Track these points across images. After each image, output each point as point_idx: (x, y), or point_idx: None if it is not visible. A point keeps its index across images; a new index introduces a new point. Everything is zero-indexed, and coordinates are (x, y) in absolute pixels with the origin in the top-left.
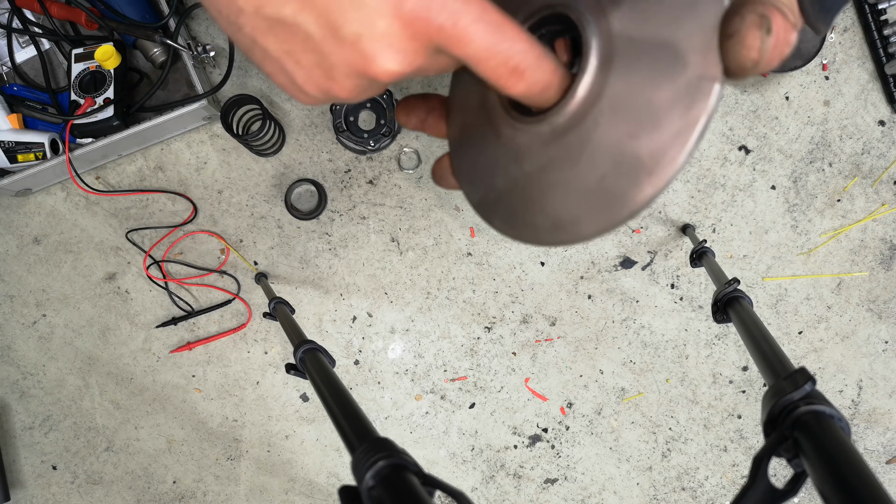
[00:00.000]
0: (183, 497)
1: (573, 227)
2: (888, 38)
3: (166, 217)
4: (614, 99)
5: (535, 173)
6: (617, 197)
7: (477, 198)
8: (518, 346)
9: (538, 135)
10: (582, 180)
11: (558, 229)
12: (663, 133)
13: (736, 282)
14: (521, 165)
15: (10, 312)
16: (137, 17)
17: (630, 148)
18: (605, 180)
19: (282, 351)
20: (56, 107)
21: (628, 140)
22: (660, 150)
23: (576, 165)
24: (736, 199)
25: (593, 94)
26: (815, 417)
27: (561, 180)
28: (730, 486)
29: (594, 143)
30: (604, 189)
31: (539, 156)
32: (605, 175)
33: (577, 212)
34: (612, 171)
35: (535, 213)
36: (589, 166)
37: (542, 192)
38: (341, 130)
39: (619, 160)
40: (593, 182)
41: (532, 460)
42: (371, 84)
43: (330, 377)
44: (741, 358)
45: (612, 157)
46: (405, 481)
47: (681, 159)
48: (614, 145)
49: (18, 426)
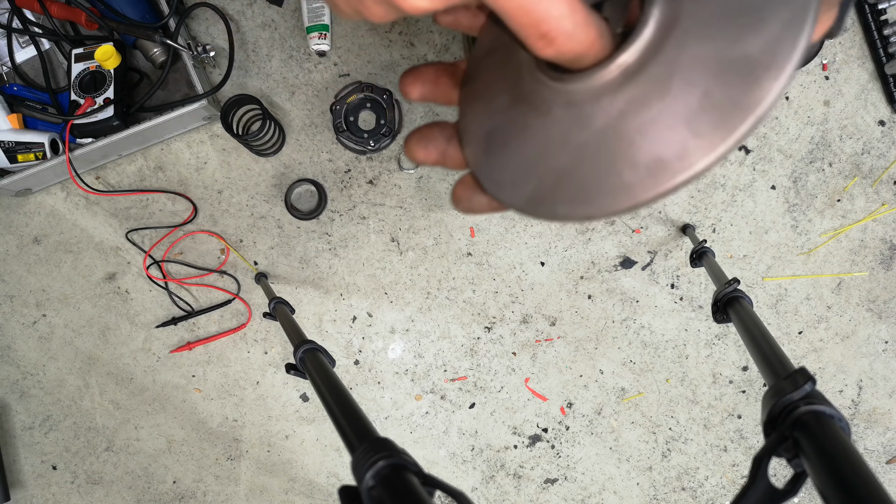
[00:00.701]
0: (183, 497)
1: (681, 161)
2: (888, 38)
3: (166, 217)
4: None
5: (611, 125)
6: (732, 105)
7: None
8: (518, 346)
9: (605, 83)
10: (679, 107)
11: (660, 173)
12: (771, 25)
13: (736, 282)
14: (589, 125)
15: (10, 312)
16: (137, 17)
17: (733, 52)
18: (710, 96)
19: (282, 351)
20: (56, 107)
21: (729, 46)
22: (772, 43)
23: (666, 96)
24: (736, 199)
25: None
26: (815, 417)
27: (649, 119)
28: (730, 486)
29: (686, 65)
30: (712, 105)
31: (612, 105)
32: (709, 90)
33: (683, 142)
34: (716, 83)
35: (622, 169)
36: (685, 90)
37: (627, 142)
38: (341, 130)
39: (724, 68)
40: (695, 103)
41: (532, 460)
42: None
43: (330, 377)
44: (741, 358)
45: (712, 70)
46: (405, 481)
47: (801, 44)
48: (712, 57)
49: (18, 426)
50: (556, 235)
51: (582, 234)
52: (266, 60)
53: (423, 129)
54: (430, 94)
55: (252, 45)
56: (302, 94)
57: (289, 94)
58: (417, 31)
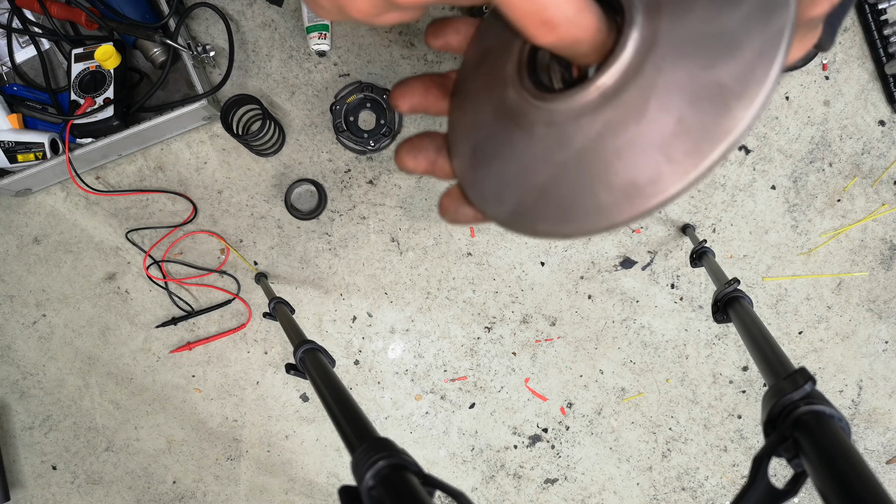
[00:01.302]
0: (183, 497)
1: (654, 186)
2: (888, 38)
3: (166, 217)
4: (674, 39)
5: (590, 146)
6: (704, 132)
7: (508, 210)
8: (518, 346)
9: (584, 104)
10: (653, 132)
11: (634, 196)
12: (745, 53)
13: (736, 282)
14: (569, 146)
15: (10, 312)
16: (137, 17)
17: (707, 79)
18: (684, 122)
19: (282, 351)
20: (56, 107)
21: (703, 72)
22: (745, 71)
23: (642, 120)
24: (736, 199)
25: (646, 42)
26: (815, 417)
27: (625, 142)
28: (730, 486)
29: (661, 89)
30: (685, 131)
31: (591, 126)
32: (683, 116)
33: (656, 167)
34: (690, 109)
35: (598, 190)
36: (659, 115)
37: (604, 164)
38: (341, 130)
39: (698, 95)
40: (669, 128)
41: (532, 460)
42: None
43: (330, 377)
44: (741, 358)
45: (687, 96)
46: (405, 481)
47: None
48: (687, 83)
49: (18, 426)
50: None
51: None
52: (266, 60)
53: (414, 140)
54: (419, 106)
55: (252, 45)
56: (302, 94)
57: (289, 94)
58: (417, 31)
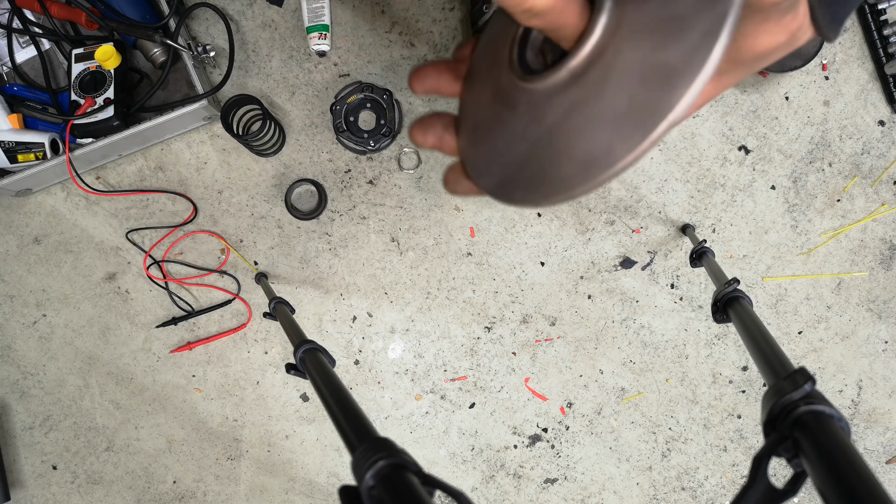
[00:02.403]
0: (183, 497)
1: (606, 157)
2: (888, 38)
3: (166, 217)
4: (634, 24)
5: (558, 123)
6: (650, 109)
7: (495, 181)
8: (518, 346)
9: (556, 84)
10: (609, 109)
11: (590, 167)
12: (691, 35)
13: (736, 282)
14: (542, 122)
15: (10, 312)
16: (137, 17)
17: (657, 59)
18: (634, 100)
19: (282, 351)
20: (56, 107)
21: (654, 53)
22: (689, 52)
23: (601, 98)
24: (736, 199)
25: (611, 27)
26: (814, 417)
27: (586, 118)
28: (730, 486)
29: (618, 70)
30: (634, 108)
31: (560, 104)
32: (634, 95)
33: (609, 141)
34: (640, 88)
35: (563, 163)
36: (615, 94)
37: (568, 138)
38: (341, 130)
39: (647, 74)
40: (622, 106)
41: (532, 460)
42: None
43: (330, 377)
44: (741, 358)
45: (638, 76)
46: (405, 481)
47: (714, 54)
48: (639, 63)
49: (18, 426)
50: (556, 235)
51: (582, 234)
52: (266, 60)
53: (425, 118)
54: (432, 88)
55: (252, 45)
56: (302, 94)
57: (289, 94)
58: (417, 30)
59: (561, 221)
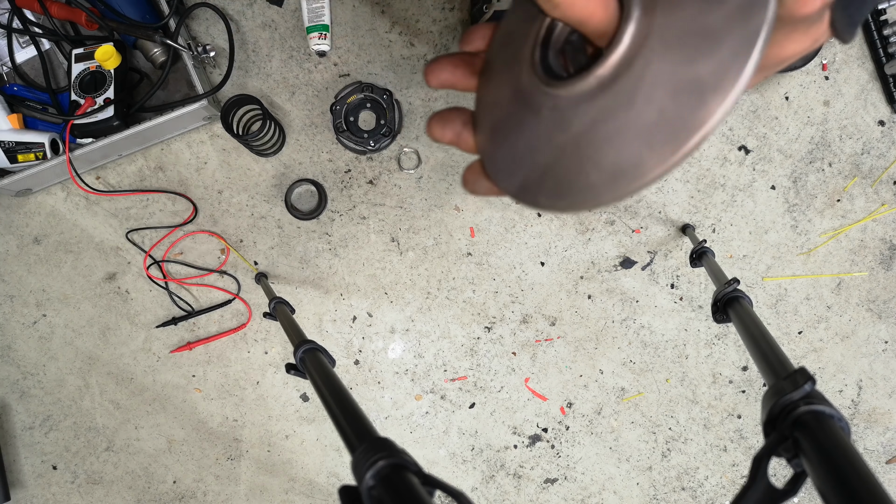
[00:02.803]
0: (183, 497)
1: (636, 170)
2: (888, 38)
3: (166, 217)
4: (664, 34)
5: (585, 131)
6: (681, 123)
7: (517, 184)
8: (518, 346)
9: (583, 91)
10: (639, 121)
11: (619, 178)
12: (723, 50)
13: (736, 282)
14: (568, 129)
15: (10, 312)
16: (137, 18)
17: (688, 73)
18: (665, 113)
19: (282, 351)
20: (56, 107)
21: (686, 67)
22: (721, 68)
23: (630, 109)
24: (736, 199)
25: (641, 36)
26: (814, 417)
27: (615, 129)
28: (730, 486)
29: (648, 81)
30: (665, 121)
31: (587, 112)
32: (664, 108)
33: (639, 153)
34: (671, 101)
35: (589, 171)
36: (645, 105)
37: (596, 147)
38: (341, 130)
39: (678, 88)
40: (652, 118)
41: (532, 460)
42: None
43: (330, 377)
44: (741, 358)
45: (669, 89)
46: (405, 481)
47: (746, 71)
48: (671, 76)
49: (19, 426)
50: (556, 235)
51: (582, 234)
52: (266, 60)
53: (444, 113)
54: (447, 82)
55: (252, 45)
56: (302, 94)
57: (289, 94)
58: (417, 30)
59: (561, 221)
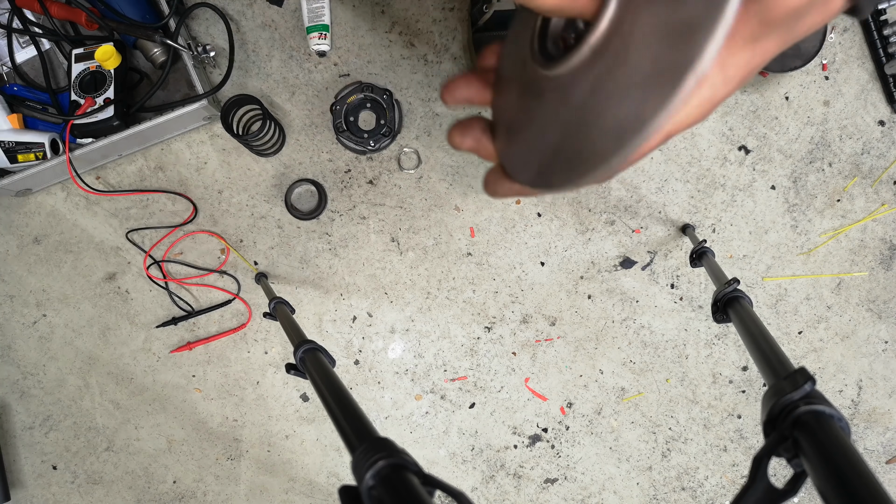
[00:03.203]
0: (183, 497)
1: (637, 122)
2: (888, 38)
3: (166, 217)
4: None
5: (585, 99)
6: (675, 65)
7: (533, 172)
8: (518, 346)
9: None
10: (635, 73)
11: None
12: None
13: (736, 282)
14: (570, 102)
15: (10, 312)
16: (137, 18)
17: (675, 17)
18: (658, 61)
19: (282, 351)
20: (56, 107)
21: (671, 12)
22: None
23: (625, 66)
24: (736, 199)
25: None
26: (814, 417)
27: (612, 89)
28: (730, 486)
29: (638, 35)
30: (660, 67)
31: (585, 81)
32: (657, 56)
33: (637, 104)
34: (663, 47)
35: (595, 137)
36: (638, 58)
37: (597, 112)
38: (341, 130)
39: (668, 33)
40: (647, 69)
41: (532, 460)
42: None
43: (330, 377)
44: (741, 358)
45: (659, 36)
46: (405, 481)
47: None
48: (658, 24)
49: (18, 426)
50: (556, 235)
51: (582, 234)
52: (266, 60)
53: (465, 121)
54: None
55: (252, 45)
56: (302, 94)
57: (289, 94)
58: (417, 30)
59: (561, 221)
